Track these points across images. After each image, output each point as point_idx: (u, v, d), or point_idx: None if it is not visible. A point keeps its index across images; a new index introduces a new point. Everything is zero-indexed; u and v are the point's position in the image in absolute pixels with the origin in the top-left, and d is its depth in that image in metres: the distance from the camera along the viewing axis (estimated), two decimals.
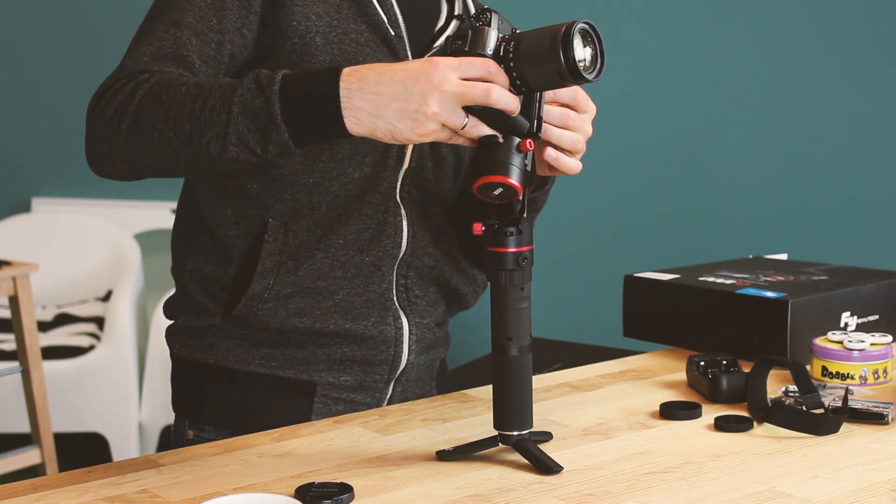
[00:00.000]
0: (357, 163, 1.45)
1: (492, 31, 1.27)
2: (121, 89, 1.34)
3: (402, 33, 1.47)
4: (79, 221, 4.38)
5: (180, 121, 1.29)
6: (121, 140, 1.32)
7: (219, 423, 1.51)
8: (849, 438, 1.38)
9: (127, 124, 1.31)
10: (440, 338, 1.59)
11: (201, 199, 1.49)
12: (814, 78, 3.64)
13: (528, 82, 1.25)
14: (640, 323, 1.85)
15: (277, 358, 1.49)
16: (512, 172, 1.25)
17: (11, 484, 1.26)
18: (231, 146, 1.27)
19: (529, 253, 1.28)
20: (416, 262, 1.51)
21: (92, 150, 1.36)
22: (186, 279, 1.51)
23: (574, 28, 1.22)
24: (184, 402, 1.55)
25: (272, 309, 1.45)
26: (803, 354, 1.65)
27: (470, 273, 1.58)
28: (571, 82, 1.24)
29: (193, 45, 1.37)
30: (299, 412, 1.50)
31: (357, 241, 1.46)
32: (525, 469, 1.28)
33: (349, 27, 1.43)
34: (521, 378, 1.30)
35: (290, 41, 1.40)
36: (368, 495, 1.21)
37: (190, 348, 1.52)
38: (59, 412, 3.72)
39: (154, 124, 1.30)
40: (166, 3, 1.40)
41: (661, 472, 1.27)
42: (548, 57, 1.22)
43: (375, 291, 1.48)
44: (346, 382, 1.51)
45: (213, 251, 1.48)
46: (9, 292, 3.23)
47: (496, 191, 1.25)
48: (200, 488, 1.24)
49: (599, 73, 1.25)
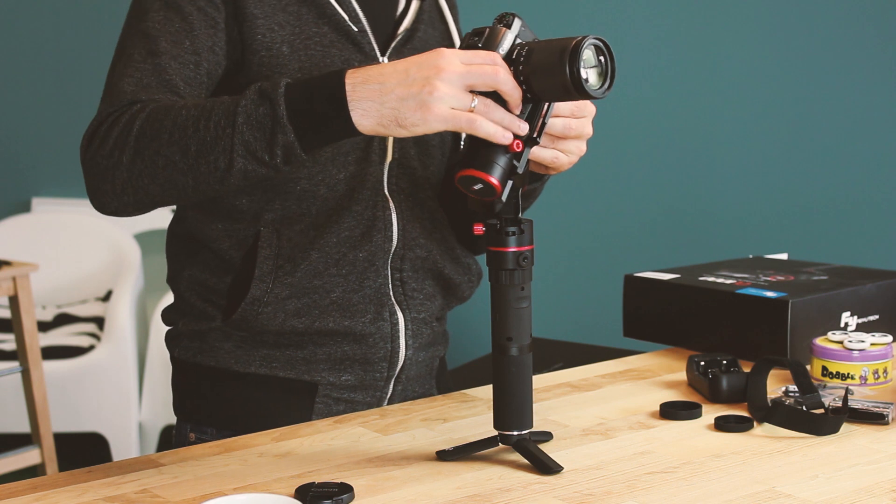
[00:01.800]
0: (340, 163, 1.45)
1: (509, 33, 1.26)
2: (115, 123, 1.31)
3: (365, 27, 1.48)
4: (79, 221, 4.38)
5: (185, 142, 1.27)
6: (124, 173, 1.30)
7: (221, 426, 1.51)
8: (849, 438, 1.38)
9: (129, 156, 1.29)
10: (438, 334, 1.59)
11: (191, 219, 1.50)
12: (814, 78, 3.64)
13: (536, 92, 1.24)
14: (640, 323, 1.85)
15: (278, 359, 1.49)
16: (494, 171, 1.24)
17: (11, 484, 1.26)
18: (238, 158, 1.25)
19: (530, 253, 1.28)
20: (408, 255, 1.51)
21: (94, 189, 1.33)
22: (184, 287, 1.51)
23: (584, 43, 1.21)
24: (185, 405, 1.55)
25: (271, 312, 1.45)
26: (803, 354, 1.65)
27: (464, 262, 1.59)
28: (577, 97, 1.23)
29: (174, 69, 1.37)
30: (301, 413, 1.50)
31: (349, 238, 1.47)
32: (525, 469, 1.28)
33: (312, 31, 1.44)
34: (521, 378, 1.30)
35: (257, 55, 1.41)
36: (368, 495, 1.21)
37: (190, 351, 1.52)
38: (59, 412, 3.72)
39: (158, 150, 1.28)
40: (135, 34, 1.39)
41: (661, 472, 1.27)
42: (556, 70, 1.21)
43: (371, 287, 1.48)
44: (347, 382, 1.51)
45: (209, 262, 1.49)
46: (9, 292, 3.23)
47: (476, 186, 1.24)
48: (200, 488, 1.24)
49: (608, 90, 1.24)
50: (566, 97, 1.24)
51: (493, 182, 1.24)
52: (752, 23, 3.69)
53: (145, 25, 1.38)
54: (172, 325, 1.55)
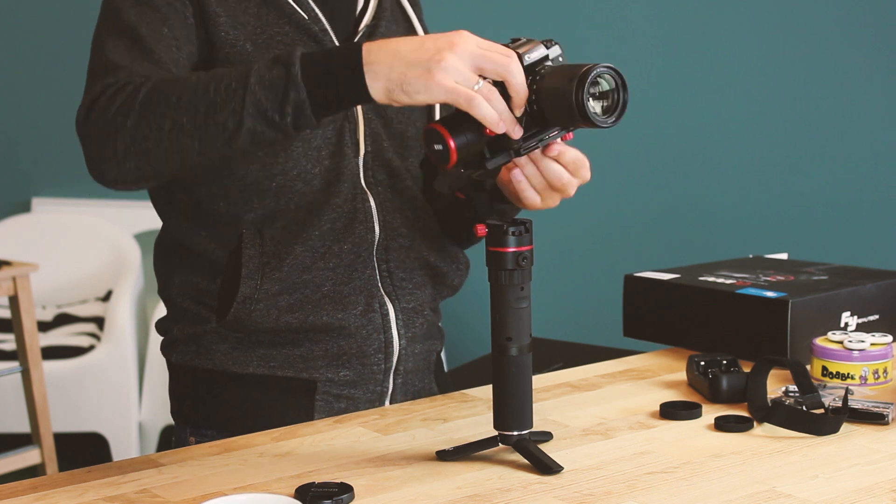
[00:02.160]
0: (314, 157, 1.46)
1: (542, 48, 1.27)
2: (119, 91, 1.30)
3: (325, 26, 1.49)
4: (79, 221, 4.38)
5: (194, 104, 1.26)
6: (126, 138, 1.28)
7: (221, 427, 1.51)
8: (849, 438, 1.38)
9: (133, 120, 1.27)
10: (432, 327, 1.59)
11: (175, 230, 1.51)
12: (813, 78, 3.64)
13: (545, 114, 1.25)
14: (640, 323, 1.85)
15: (275, 358, 1.49)
16: (460, 140, 1.24)
17: (11, 484, 1.26)
18: (248, 117, 1.24)
19: (529, 253, 1.28)
20: (392, 245, 1.52)
21: (93, 156, 1.31)
22: (175, 294, 1.52)
23: (594, 71, 1.21)
24: (184, 409, 1.55)
25: (264, 309, 1.45)
26: (803, 354, 1.65)
27: (450, 251, 1.59)
28: (581, 123, 1.23)
29: (161, 50, 1.37)
30: (301, 411, 1.50)
31: (332, 230, 1.47)
32: (525, 469, 1.28)
33: (274, 31, 1.45)
34: (521, 378, 1.30)
35: (222, 51, 1.42)
36: (368, 495, 1.21)
37: (187, 355, 1.53)
38: (59, 412, 3.72)
39: (165, 113, 1.27)
40: (111, 31, 1.38)
41: (661, 472, 1.27)
42: (564, 96, 1.22)
43: (360, 279, 1.49)
44: (345, 377, 1.51)
45: (198, 265, 1.49)
46: (9, 292, 3.23)
47: (436, 145, 1.24)
48: (200, 488, 1.24)
49: (615, 121, 1.24)
50: (572, 123, 1.24)
51: (452, 147, 1.24)
52: (752, 23, 3.69)
53: (121, 22, 1.38)
54: (167, 333, 1.56)
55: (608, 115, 1.24)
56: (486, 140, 1.26)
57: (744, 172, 3.73)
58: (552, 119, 1.26)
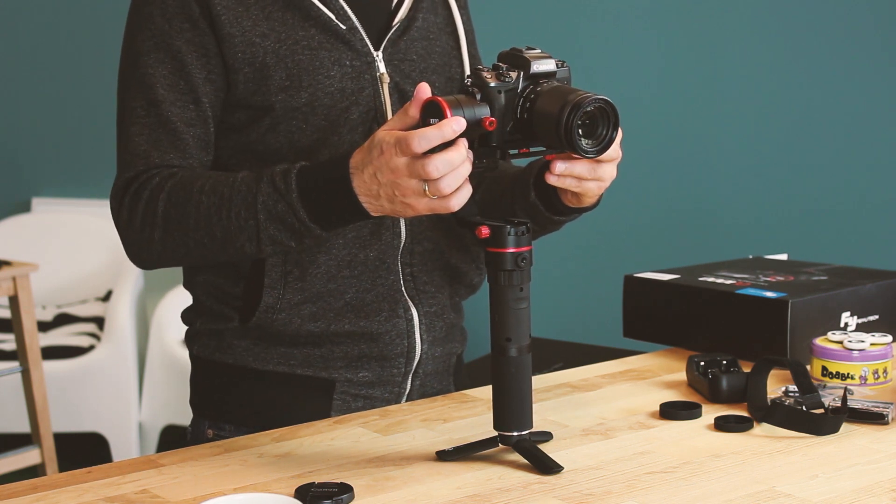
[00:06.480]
0: None
1: (550, 61, 1.30)
2: (137, 197, 1.40)
3: (355, 24, 1.47)
4: (79, 221, 4.38)
5: (210, 230, 1.37)
6: (158, 247, 1.41)
7: (239, 422, 1.51)
8: (849, 438, 1.38)
9: (159, 234, 1.40)
10: (455, 329, 1.59)
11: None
12: (814, 79, 3.64)
13: (535, 131, 1.28)
14: (640, 323, 1.85)
15: (295, 357, 1.49)
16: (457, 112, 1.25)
17: (11, 484, 1.26)
18: (266, 247, 1.36)
19: (528, 253, 1.28)
20: (417, 249, 1.52)
21: (133, 254, 1.45)
22: (199, 291, 1.53)
23: (584, 103, 1.24)
24: (203, 401, 1.56)
25: (286, 318, 1.46)
26: (803, 354, 1.65)
27: (472, 250, 1.58)
28: (567, 149, 1.27)
29: (176, 115, 1.42)
30: (319, 409, 1.50)
31: (357, 238, 1.47)
32: (525, 469, 1.28)
33: (298, 35, 1.44)
34: (521, 378, 1.30)
35: (241, 73, 1.43)
36: (368, 495, 1.21)
37: (208, 349, 1.53)
38: (59, 412, 3.71)
39: (186, 233, 1.39)
40: (132, 83, 1.44)
41: (661, 472, 1.27)
42: (553, 121, 1.25)
43: (384, 285, 1.49)
44: (364, 378, 1.51)
45: (221, 267, 1.51)
46: (9, 292, 3.22)
47: (432, 119, 1.25)
48: (200, 488, 1.24)
49: (600, 152, 1.28)
50: (559, 147, 1.28)
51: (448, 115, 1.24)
52: (753, 23, 3.69)
53: (140, 73, 1.43)
54: (191, 324, 1.56)
55: (592, 145, 1.27)
56: (481, 128, 1.27)
57: (744, 173, 3.73)
58: (540, 135, 1.29)
